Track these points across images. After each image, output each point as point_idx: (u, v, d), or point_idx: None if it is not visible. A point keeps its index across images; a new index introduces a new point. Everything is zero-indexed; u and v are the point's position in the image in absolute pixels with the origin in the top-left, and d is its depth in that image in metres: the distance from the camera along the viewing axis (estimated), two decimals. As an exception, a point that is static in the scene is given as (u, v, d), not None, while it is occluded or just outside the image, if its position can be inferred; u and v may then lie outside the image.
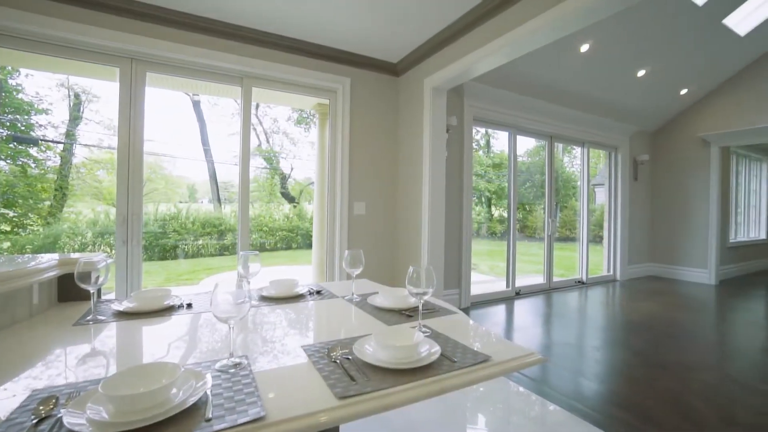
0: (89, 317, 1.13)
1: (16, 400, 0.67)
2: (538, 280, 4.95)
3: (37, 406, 0.63)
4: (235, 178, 3.12)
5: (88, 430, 0.56)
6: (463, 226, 4.03)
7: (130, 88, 2.71)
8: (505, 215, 5.16)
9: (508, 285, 4.58)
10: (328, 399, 0.68)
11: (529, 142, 6.78)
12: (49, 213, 4.48)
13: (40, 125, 4.18)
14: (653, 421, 1.88)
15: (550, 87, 4.31)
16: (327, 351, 0.89)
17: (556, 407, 2.05)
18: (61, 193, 4.67)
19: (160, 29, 2.71)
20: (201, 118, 6.87)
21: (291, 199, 7.99)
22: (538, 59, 3.70)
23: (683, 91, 5.12)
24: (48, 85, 4.28)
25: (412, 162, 3.56)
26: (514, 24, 2.44)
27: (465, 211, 4.04)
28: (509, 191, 4.65)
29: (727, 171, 5.81)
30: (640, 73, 4.39)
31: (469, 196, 4.07)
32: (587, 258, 5.38)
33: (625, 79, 4.47)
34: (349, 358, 0.86)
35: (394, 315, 1.23)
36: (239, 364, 0.81)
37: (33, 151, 4.11)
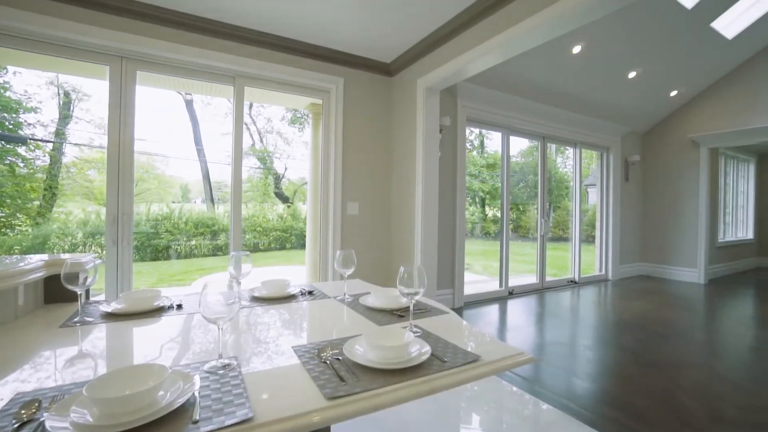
0: (76, 319, 1.12)
1: (-2, 403, 0.66)
2: (531, 279, 4.99)
3: (19, 410, 0.62)
4: (228, 178, 3.10)
5: (71, 434, 0.55)
6: (456, 226, 4.04)
7: (120, 86, 2.68)
8: (498, 215, 5.18)
9: (501, 285, 4.60)
10: (318, 400, 0.68)
11: (522, 143, 6.82)
12: (38, 213, 4.40)
13: (29, 124, 4.10)
14: (644, 420, 1.90)
15: (542, 88, 4.34)
16: (317, 352, 0.89)
17: (549, 406, 2.06)
18: (51, 193, 4.60)
19: (151, 27, 2.68)
20: (194, 117, 6.81)
21: (285, 199, 7.95)
22: (531, 60, 3.73)
23: (673, 93, 5.19)
24: (37, 83, 4.21)
25: (406, 162, 3.56)
26: (510, 23, 2.45)
27: (458, 211, 4.05)
28: (502, 191, 4.67)
29: (716, 172, 5.91)
30: (631, 74, 4.44)
31: (462, 197, 4.08)
32: (579, 258, 5.43)
33: (616, 80, 4.52)
34: (339, 358, 0.85)
35: (386, 315, 1.23)
36: (228, 366, 0.81)
37: (21, 150, 4.03)
